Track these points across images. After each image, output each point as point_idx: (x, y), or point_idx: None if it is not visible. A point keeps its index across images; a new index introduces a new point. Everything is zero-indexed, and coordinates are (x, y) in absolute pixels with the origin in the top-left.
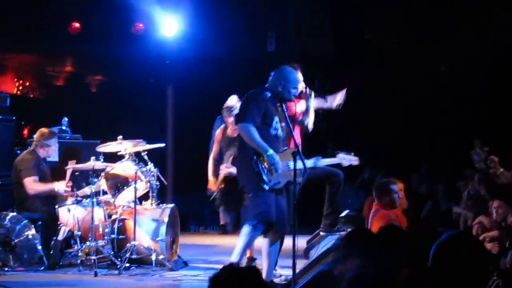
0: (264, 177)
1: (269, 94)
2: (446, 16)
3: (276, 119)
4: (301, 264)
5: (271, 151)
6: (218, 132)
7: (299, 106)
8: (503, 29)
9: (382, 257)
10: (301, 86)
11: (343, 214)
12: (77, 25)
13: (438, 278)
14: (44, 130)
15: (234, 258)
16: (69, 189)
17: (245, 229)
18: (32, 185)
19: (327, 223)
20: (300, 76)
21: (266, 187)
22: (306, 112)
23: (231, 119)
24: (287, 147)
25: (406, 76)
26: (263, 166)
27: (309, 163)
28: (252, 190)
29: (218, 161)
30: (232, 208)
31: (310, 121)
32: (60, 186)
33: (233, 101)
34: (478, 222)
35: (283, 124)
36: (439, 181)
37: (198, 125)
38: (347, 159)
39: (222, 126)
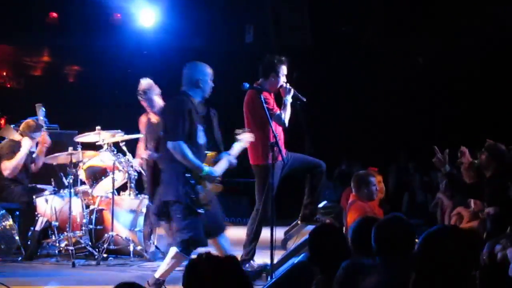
0: (200, 201)
1: (198, 99)
2: (423, 9)
3: (200, 127)
4: (279, 255)
5: (206, 168)
6: (142, 119)
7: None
8: (482, 22)
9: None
10: (283, 80)
11: (321, 205)
12: (54, 15)
13: (424, 266)
14: (31, 122)
15: (157, 275)
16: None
17: (174, 253)
18: (6, 165)
19: (306, 213)
20: (285, 69)
21: (201, 211)
22: (284, 107)
23: (145, 104)
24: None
25: (383, 68)
26: (196, 185)
27: (222, 166)
28: (182, 212)
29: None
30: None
31: (286, 117)
32: (27, 141)
33: (146, 84)
34: (456, 213)
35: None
36: (416, 173)
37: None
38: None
39: (146, 112)
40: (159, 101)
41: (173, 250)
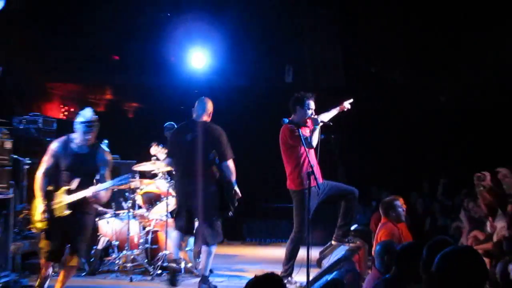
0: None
1: None
2: (445, 51)
3: None
4: (314, 272)
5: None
6: None
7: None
8: (498, 63)
9: None
10: (310, 112)
11: (352, 227)
12: (116, 57)
13: (442, 284)
14: None
15: (206, 273)
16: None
17: (214, 249)
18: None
19: (340, 234)
20: (312, 103)
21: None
22: (312, 132)
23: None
24: None
25: (409, 105)
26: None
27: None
28: (218, 215)
29: None
30: None
31: (314, 140)
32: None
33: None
34: (472, 235)
35: None
36: (435, 200)
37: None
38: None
39: None
40: None
41: (214, 248)
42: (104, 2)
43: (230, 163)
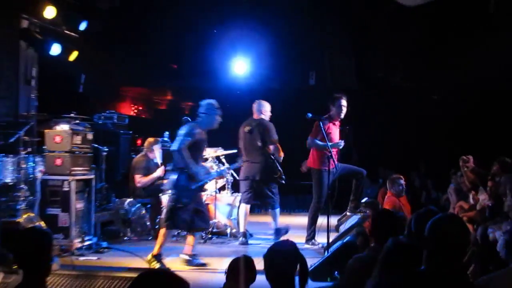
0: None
1: None
2: (439, 56)
3: None
4: (333, 236)
5: None
6: None
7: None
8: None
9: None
10: (343, 113)
11: (363, 200)
12: (174, 66)
13: (433, 246)
14: (150, 139)
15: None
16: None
17: (278, 210)
18: (138, 179)
19: (352, 206)
20: (343, 101)
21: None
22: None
23: None
24: None
25: (408, 104)
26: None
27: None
28: (276, 182)
29: None
30: None
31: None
32: (159, 172)
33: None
34: (458, 206)
35: None
36: (429, 178)
37: None
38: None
39: None
40: None
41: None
42: (165, 20)
43: (276, 146)
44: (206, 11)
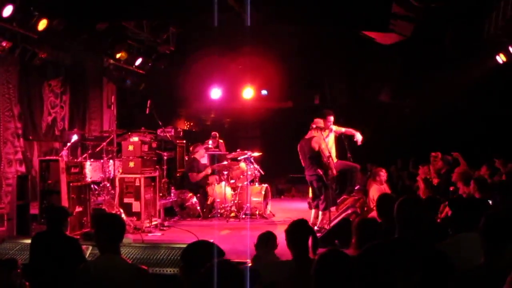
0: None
1: None
2: (410, 81)
3: None
4: (333, 215)
5: None
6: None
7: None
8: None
9: None
10: (330, 123)
11: (356, 188)
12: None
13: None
14: (195, 144)
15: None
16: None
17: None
18: (192, 176)
19: (348, 191)
20: (331, 118)
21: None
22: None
23: None
24: None
25: (388, 115)
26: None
27: None
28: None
29: None
30: None
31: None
32: (207, 170)
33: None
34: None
35: None
36: (405, 170)
37: (278, 143)
38: None
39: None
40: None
41: None
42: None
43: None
44: (233, 54)
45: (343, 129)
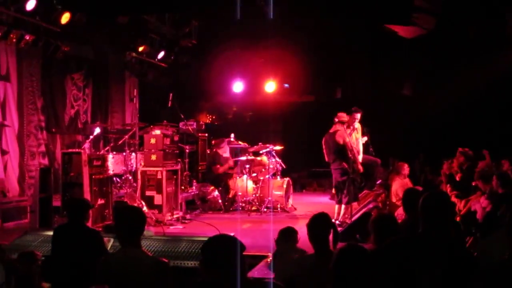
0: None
1: None
2: (433, 73)
3: None
4: (355, 209)
5: None
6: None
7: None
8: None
9: None
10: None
11: (378, 182)
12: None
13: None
14: (219, 139)
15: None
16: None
17: None
18: (214, 170)
19: (370, 185)
20: (358, 115)
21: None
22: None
23: None
24: None
25: (410, 109)
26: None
27: None
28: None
29: None
30: None
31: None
32: (230, 163)
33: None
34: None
35: None
36: (427, 166)
37: (300, 137)
38: None
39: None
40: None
41: None
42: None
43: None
44: (255, 47)
45: (361, 141)
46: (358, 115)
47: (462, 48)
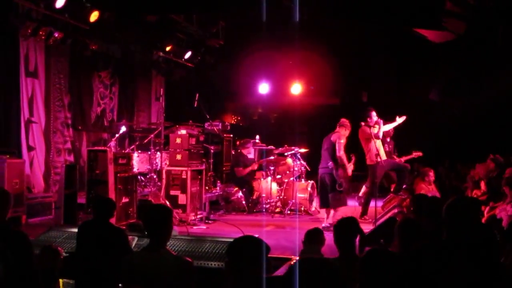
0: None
1: None
2: (459, 80)
3: None
4: (379, 214)
5: None
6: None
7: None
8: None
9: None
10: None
11: (403, 187)
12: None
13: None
14: (245, 140)
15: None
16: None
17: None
18: (238, 171)
19: (395, 190)
20: (374, 114)
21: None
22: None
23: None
24: None
25: (436, 115)
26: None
27: None
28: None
29: None
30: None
31: (380, 132)
32: (254, 166)
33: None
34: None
35: None
36: (453, 172)
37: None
38: None
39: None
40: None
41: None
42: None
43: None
44: (282, 49)
45: (387, 127)
46: (374, 113)
47: (491, 53)
